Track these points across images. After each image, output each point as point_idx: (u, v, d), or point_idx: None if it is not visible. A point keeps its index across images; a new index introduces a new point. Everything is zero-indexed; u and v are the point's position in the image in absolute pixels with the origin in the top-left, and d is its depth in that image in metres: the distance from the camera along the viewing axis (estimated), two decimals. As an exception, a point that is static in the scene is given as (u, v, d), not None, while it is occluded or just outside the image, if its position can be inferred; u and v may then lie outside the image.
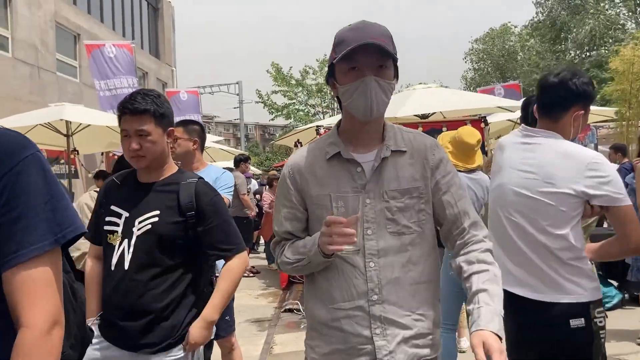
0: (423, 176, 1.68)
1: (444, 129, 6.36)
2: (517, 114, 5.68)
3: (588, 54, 26.07)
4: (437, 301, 1.72)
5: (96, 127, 7.51)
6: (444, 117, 7.23)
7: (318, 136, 6.37)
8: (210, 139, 12.73)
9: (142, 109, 2.21)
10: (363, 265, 1.63)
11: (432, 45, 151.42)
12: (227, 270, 2.29)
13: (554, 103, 2.20)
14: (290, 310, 6.54)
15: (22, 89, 12.39)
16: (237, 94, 32.89)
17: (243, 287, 8.36)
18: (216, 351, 3.77)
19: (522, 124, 2.48)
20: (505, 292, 1.66)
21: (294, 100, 24.71)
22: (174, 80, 25.80)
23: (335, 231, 1.50)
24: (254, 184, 12.73)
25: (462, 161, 3.67)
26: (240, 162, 9.32)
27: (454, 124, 6.41)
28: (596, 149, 10.45)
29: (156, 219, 2.19)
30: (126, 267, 2.18)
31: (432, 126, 6.55)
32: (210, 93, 33.09)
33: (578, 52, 26.66)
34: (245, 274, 9.07)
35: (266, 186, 10.84)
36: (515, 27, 33.05)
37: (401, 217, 1.64)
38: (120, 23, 19.39)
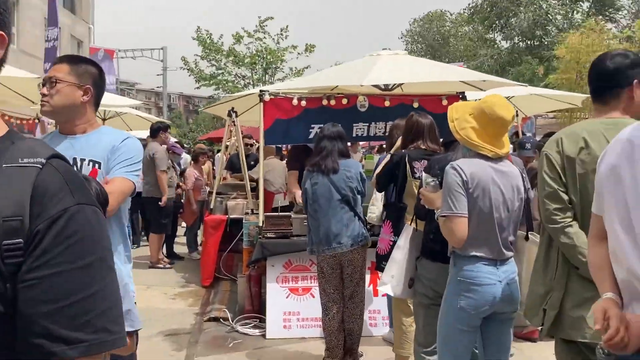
0: None
1: (415, 104, 5.27)
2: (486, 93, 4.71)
3: (529, 42, 26.04)
4: None
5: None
6: (402, 91, 6.13)
7: (262, 103, 5.06)
8: (127, 103, 10.98)
9: None
10: None
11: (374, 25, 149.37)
12: None
13: None
14: (215, 319, 5.21)
15: None
16: (162, 60, 30.53)
17: (156, 283, 6.88)
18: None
19: None
20: None
21: (222, 71, 22.95)
22: (91, 39, 23.92)
23: None
24: (186, 159, 10.50)
25: (491, 143, 2.53)
26: (158, 130, 7.72)
27: (428, 101, 5.32)
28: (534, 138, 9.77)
29: None
30: None
31: (400, 100, 5.42)
32: (132, 57, 30.44)
33: (518, 39, 26.52)
34: (161, 265, 7.79)
35: (191, 162, 9.23)
36: (451, 14, 33.43)
37: None
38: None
